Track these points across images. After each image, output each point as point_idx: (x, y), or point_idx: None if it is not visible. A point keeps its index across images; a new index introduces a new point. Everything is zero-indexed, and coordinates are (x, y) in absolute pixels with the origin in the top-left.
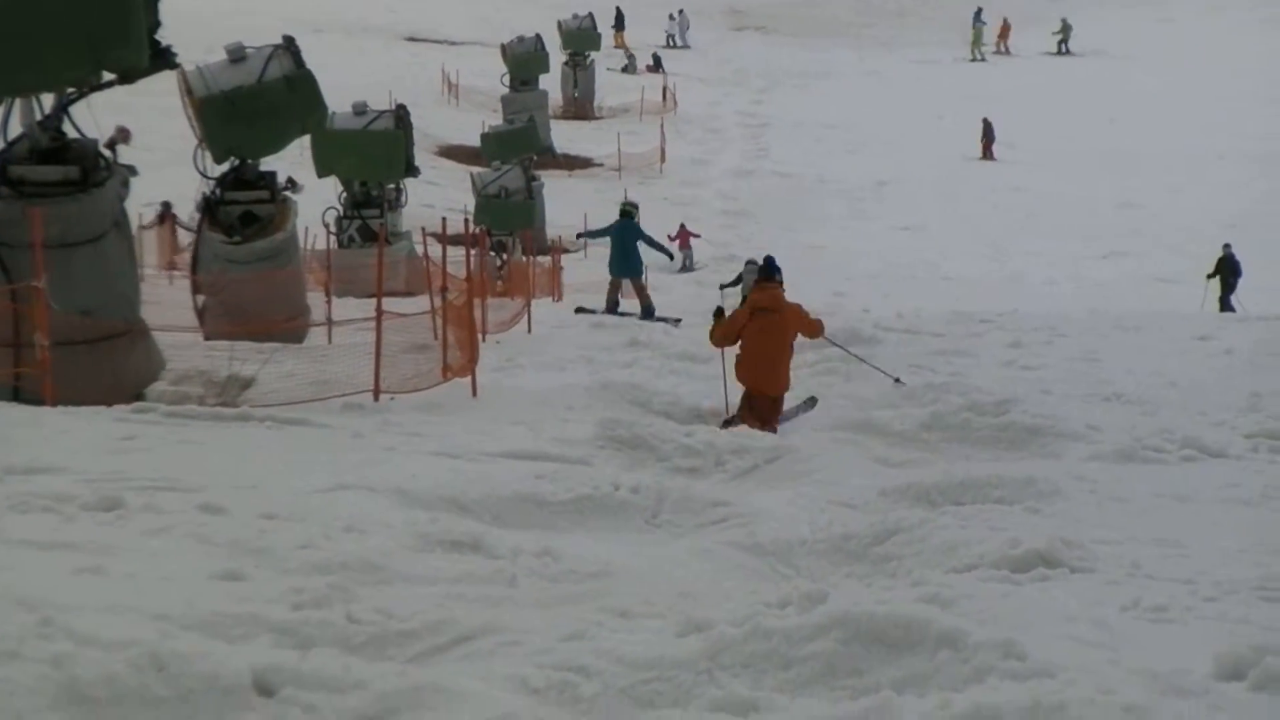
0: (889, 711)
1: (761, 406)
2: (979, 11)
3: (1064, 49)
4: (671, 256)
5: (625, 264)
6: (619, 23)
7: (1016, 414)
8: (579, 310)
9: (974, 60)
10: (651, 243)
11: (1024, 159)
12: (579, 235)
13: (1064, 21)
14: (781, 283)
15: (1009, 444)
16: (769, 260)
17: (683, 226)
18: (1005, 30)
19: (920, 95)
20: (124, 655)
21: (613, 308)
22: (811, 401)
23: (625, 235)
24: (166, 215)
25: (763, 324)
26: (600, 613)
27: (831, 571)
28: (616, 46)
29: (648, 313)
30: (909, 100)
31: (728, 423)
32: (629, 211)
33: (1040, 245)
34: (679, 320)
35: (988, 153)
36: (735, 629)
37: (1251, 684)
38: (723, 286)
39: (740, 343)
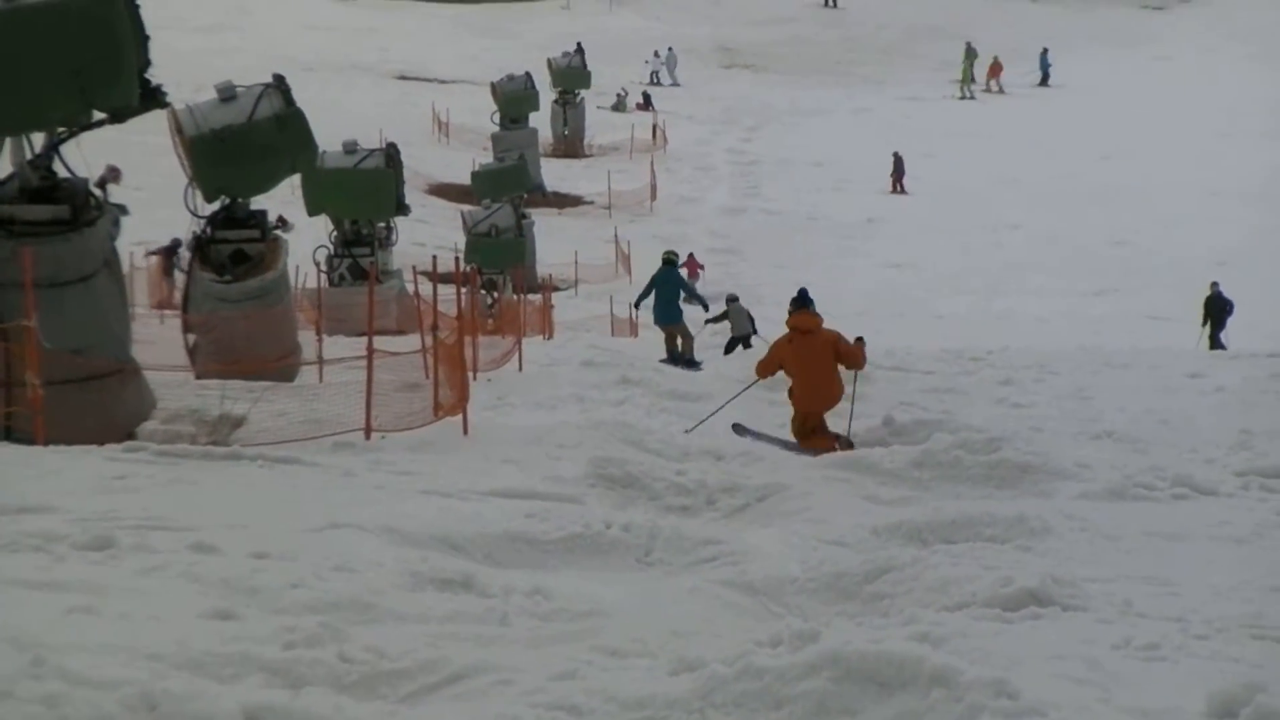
0: None
1: (810, 422)
2: (969, 46)
3: (1046, 79)
4: (706, 306)
5: (667, 312)
6: None
7: (1008, 452)
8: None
9: (963, 98)
10: (690, 292)
11: (1017, 196)
12: (636, 303)
13: (1043, 53)
14: (814, 310)
15: (1000, 482)
16: (803, 291)
17: (691, 256)
18: (996, 68)
19: (909, 133)
20: (116, 695)
21: (674, 357)
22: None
23: (667, 284)
24: (172, 251)
25: (802, 346)
26: (592, 651)
27: (823, 610)
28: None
29: (688, 363)
30: (897, 138)
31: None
32: (671, 260)
33: (1032, 282)
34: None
35: (897, 186)
36: (727, 668)
37: None
38: (707, 322)
39: (788, 374)
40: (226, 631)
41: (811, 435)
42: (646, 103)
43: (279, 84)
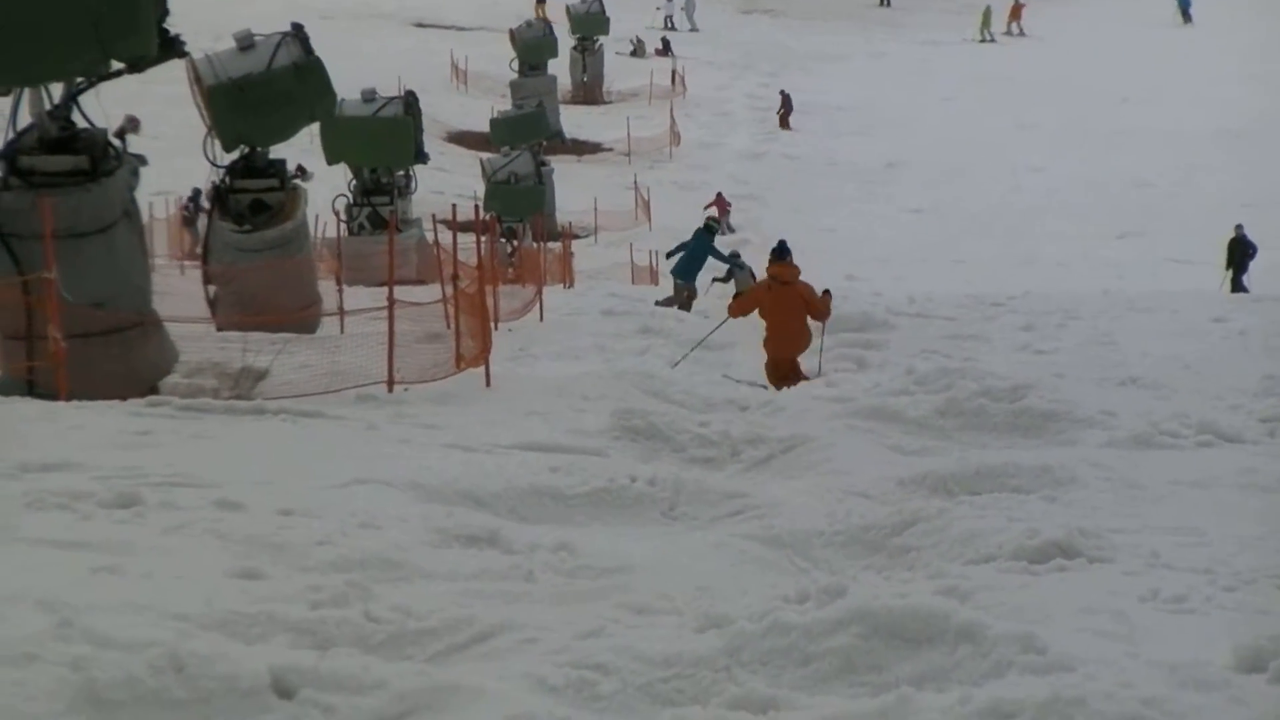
0: (908, 707)
1: (782, 367)
2: None
3: (987, 36)
4: (736, 266)
5: (687, 270)
6: None
7: (1032, 399)
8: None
9: (982, 41)
10: (719, 256)
11: (1038, 140)
12: (668, 254)
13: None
14: (792, 261)
15: (1024, 430)
16: (782, 243)
17: (720, 195)
18: (1017, 10)
19: (928, 77)
20: (143, 657)
21: (670, 303)
22: None
23: (697, 247)
24: (194, 203)
25: (779, 295)
26: (618, 609)
27: (849, 564)
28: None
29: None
30: (917, 82)
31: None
32: (711, 227)
33: (1053, 226)
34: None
35: (785, 124)
36: (753, 625)
37: (1272, 676)
38: (715, 281)
39: (762, 316)
40: (253, 591)
41: (784, 380)
42: (665, 48)
43: (297, 32)
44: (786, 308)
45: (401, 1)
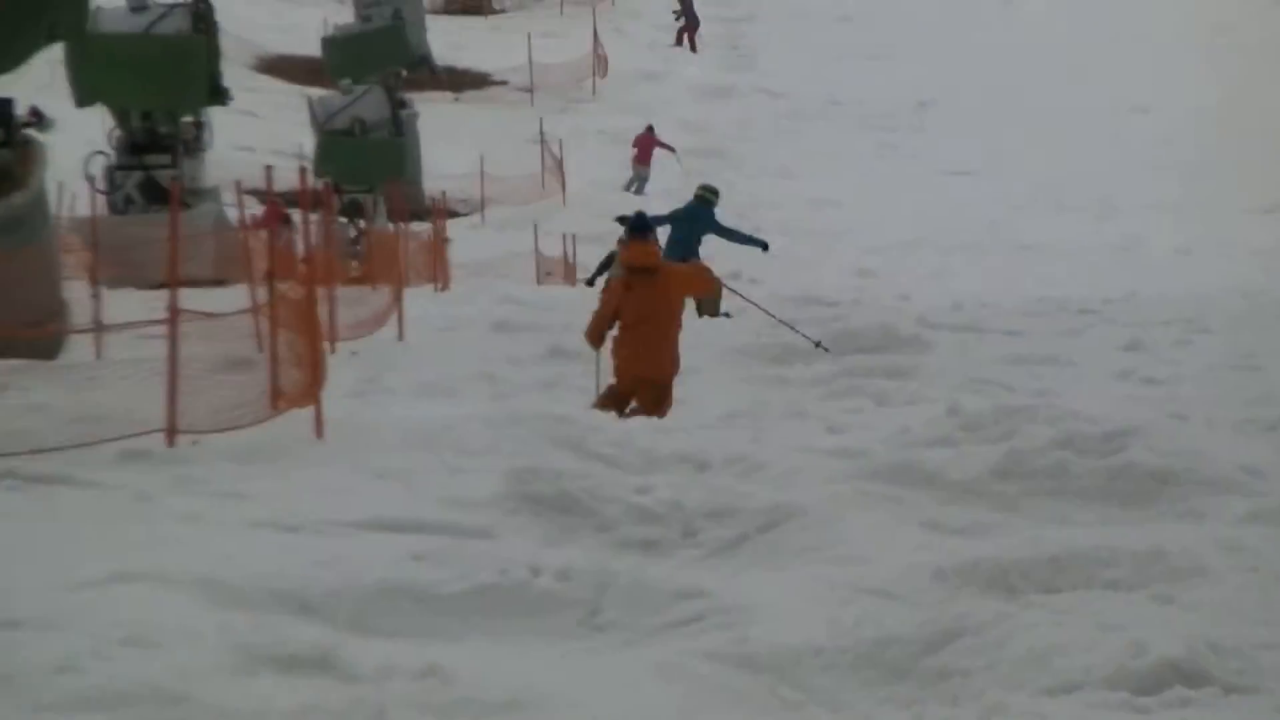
0: None
1: (646, 397)
2: None
3: None
4: (765, 247)
5: (679, 252)
6: None
7: (1136, 452)
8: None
9: None
10: (732, 235)
11: (1145, 62)
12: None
13: None
14: (655, 240)
15: (1125, 498)
16: (640, 214)
17: (650, 130)
18: None
19: None
20: None
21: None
22: None
23: (693, 224)
24: None
25: (641, 290)
26: None
27: (861, 697)
28: None
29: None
30: None
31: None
32: (707, 198)
33: (1169, 194)
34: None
35: (685, 40)
36: None
37: None
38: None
39: (617, 319)
40: None
41: (652, 405)
42: None
43: None
44: (651, 307)
45: None
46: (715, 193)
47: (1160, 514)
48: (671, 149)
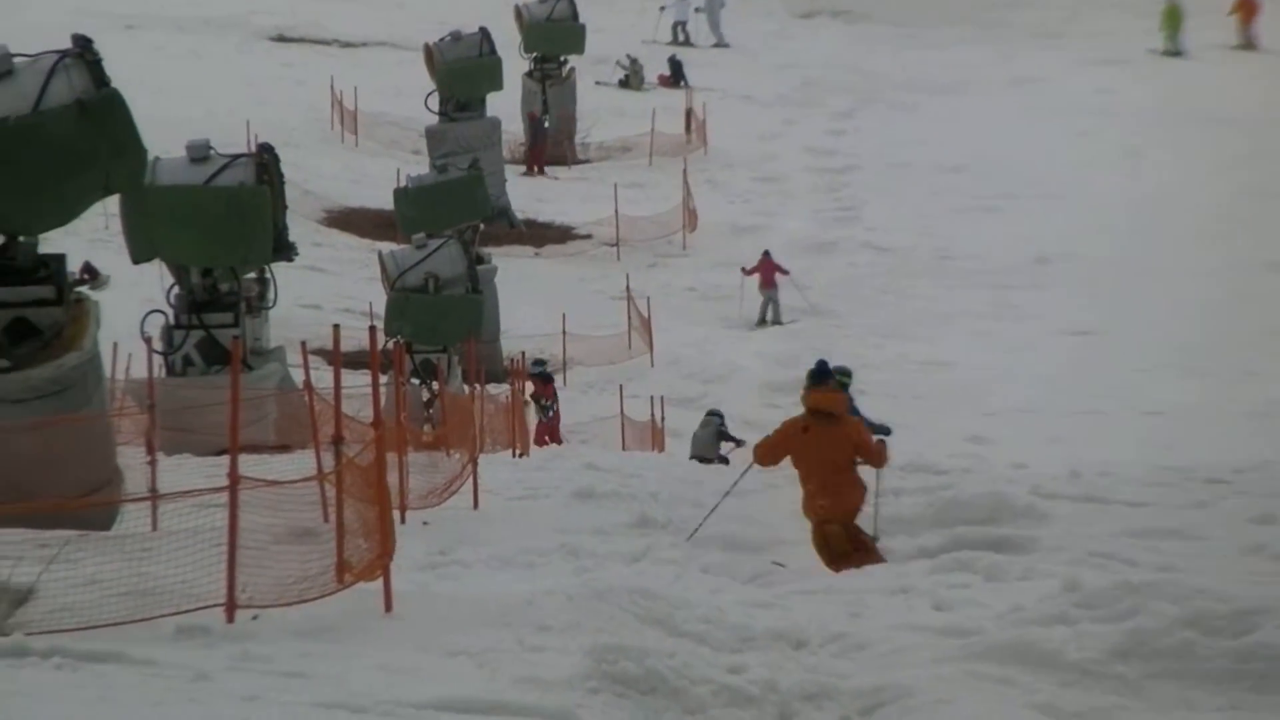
0: None
1: (835, 537)
2: None
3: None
4: (889, 433)
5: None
6: None
7: (1268, 632)
8: None
9: (1167, 54)
10: (873, 428)
11: (1276, 220)
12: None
13: None
14: (838, 387)
15: (1257, 682)
16: (822, 363)
17: (767, 255)
18: (1249, 6)
19: (1104, 117)
20: None
21: None
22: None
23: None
24: None
25: (818, 433)
26: None
27: None
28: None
29: None
30: (1086, 125)
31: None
32: (843, 382)
33: None
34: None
35: (534, 166)
36: None
37: None
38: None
39: (796, 465)
40: None
41: (843, 555)
42: (675, 75)
43: (83, 51)
44: (830, 452)
45: (252, 3)
46: (849, 374)
47: None
48: (786, 272)
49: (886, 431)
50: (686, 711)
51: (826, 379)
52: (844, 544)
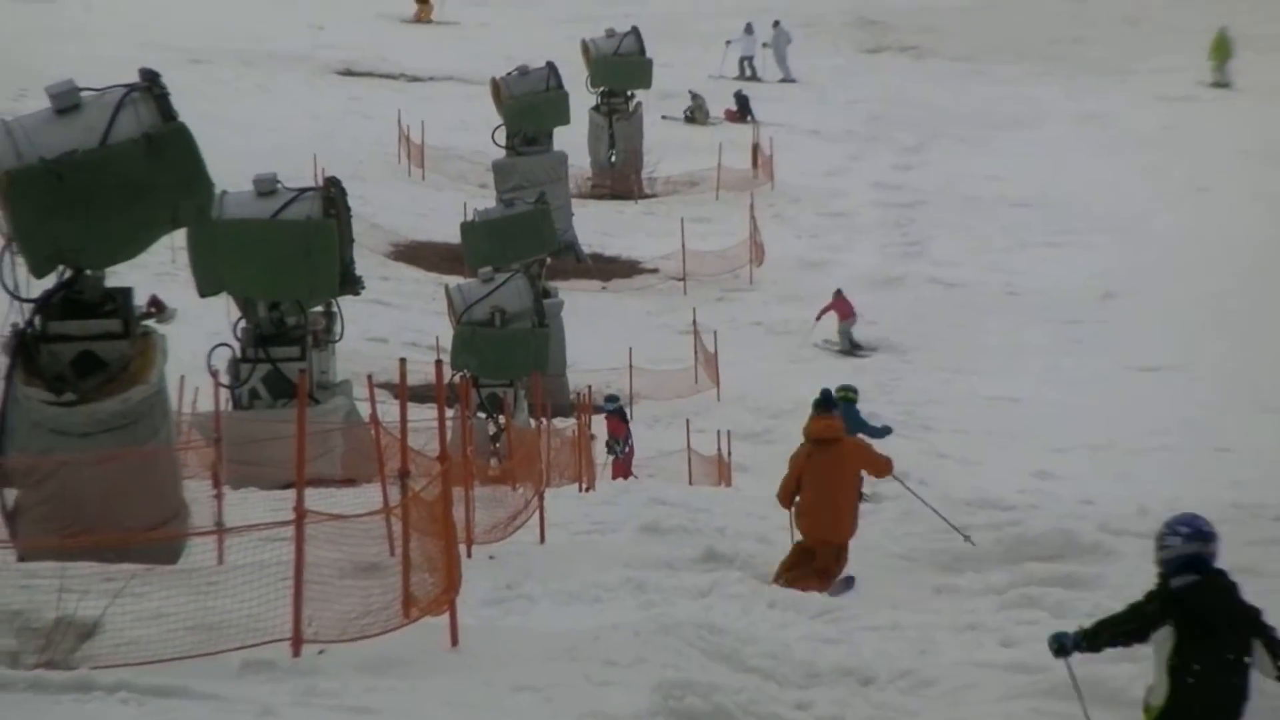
0: None
1: (823, 558)
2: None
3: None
4: (889, 431)
5: None
6: None
7: None
8: None
9: (1216, 85)
10: (873, 432)
11: None
12: None
13: None
14: (838, 416)
15: None
16: (826, 392)
17: (840, 294)
18: None
19: (1171, 151)
20: None
21: None
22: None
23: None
24: None
25: (822, 459)
26: None
27: None
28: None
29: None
30: (1152, 161)
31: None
32: (849, 398)
33: None
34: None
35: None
36: None
37: None
38: None
39: (802, 489)
40: None
41: (822, 573)
42: (742, 110)
43: (150, 84)
44: (834, 473)
45: (319, 37)
46: (855, 391)
47: None
48: (855, 314)
49: (888, 431)
50: None
51: (830, 408)
52: (830, 564)
